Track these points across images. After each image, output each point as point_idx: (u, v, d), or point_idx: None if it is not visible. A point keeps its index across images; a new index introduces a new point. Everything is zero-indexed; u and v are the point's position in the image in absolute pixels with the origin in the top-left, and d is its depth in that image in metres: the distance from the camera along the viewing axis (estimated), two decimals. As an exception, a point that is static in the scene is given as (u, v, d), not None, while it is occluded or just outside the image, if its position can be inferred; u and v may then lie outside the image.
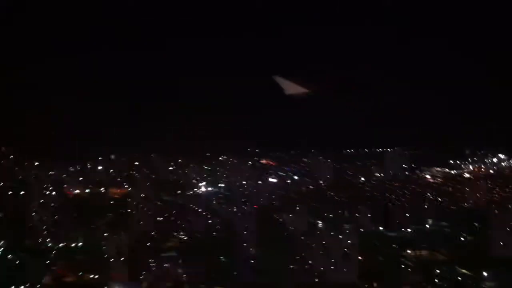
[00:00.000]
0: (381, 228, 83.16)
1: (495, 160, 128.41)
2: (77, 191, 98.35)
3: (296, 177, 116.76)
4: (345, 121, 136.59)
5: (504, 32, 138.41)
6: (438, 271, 69.13)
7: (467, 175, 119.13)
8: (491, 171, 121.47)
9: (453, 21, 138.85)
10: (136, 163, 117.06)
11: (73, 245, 75.52)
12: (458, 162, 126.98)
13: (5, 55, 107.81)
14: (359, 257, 72.94)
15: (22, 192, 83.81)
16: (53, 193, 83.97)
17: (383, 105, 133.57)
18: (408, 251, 74.61)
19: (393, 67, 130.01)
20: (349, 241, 78.67)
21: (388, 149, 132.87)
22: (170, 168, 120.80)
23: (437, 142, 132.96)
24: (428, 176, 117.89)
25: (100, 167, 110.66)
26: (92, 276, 66.74)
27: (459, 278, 67.33)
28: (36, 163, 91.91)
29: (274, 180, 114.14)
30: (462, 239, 79.18)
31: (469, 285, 65.93)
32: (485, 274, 68.01)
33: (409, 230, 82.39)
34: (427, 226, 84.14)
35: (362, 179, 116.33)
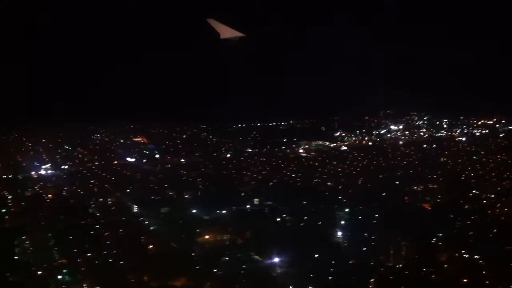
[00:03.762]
0: (195, 210, 74.46)
1: (382, 132, 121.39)
2: None
3: (157, 156, 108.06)
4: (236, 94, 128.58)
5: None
6: (226, 258, 61.27)
7: (344, 148, 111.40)
8: (370, 143, 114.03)
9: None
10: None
11: None
12: (343, 135, 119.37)
13: None
14: (150, 245, 65.10)
15: None
16: None
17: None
18: (206, 237, 66.48)
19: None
20: (154, 227, 71.16)
21: (270, 124, 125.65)
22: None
23: (323, 116, 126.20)
24: (301, 151, 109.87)
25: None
26: None
27: (244, 266, 59.56)
28: None
29: (131, 160, 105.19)
30: (278, 219, 71.06)
31: (251, 273, 58.03)
32: (275, 260, 60.67)
33: (224, 212, 73.60)
34: (248, 206, 75.44)
35: (228, 155, 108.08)
